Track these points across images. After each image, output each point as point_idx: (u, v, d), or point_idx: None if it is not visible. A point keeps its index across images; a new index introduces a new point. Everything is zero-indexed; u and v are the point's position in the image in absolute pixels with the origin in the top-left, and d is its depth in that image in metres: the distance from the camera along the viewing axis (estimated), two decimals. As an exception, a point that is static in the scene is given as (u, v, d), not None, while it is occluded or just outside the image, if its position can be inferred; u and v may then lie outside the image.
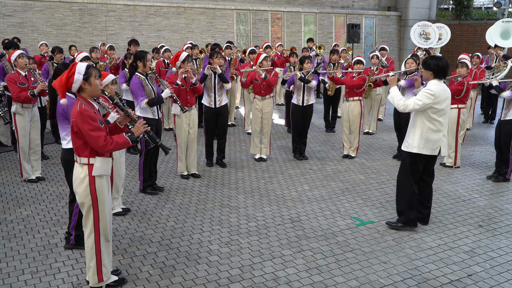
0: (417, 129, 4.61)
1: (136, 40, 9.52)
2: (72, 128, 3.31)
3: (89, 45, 12.44)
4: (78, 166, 3.40)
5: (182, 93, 6.12)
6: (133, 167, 7.04)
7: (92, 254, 3.48)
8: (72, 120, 3.28)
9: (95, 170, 3.37)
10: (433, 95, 4.46)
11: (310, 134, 9.27)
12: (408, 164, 4.67)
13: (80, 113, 3.25)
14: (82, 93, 3.38)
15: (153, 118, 5.67)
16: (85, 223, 3.46)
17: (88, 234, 3.46)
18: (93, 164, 3.37)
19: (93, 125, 3.27)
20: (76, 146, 3.36)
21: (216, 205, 5.48)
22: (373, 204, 5.55)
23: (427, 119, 4.55)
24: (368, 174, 6.81)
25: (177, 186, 6.20)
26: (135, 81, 5.51)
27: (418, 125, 4.61)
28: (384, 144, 8.68)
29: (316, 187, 6.19)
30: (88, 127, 3.25)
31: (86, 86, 3.36)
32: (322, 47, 12.39)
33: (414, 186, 4.68)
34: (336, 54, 9.39)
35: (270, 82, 7.06)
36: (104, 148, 3.30)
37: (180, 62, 6.07)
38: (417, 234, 4.69)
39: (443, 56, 4.63)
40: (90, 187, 3.37)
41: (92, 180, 3.37)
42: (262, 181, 6.42)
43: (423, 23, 13.48)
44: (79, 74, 3.32)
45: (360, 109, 7.49)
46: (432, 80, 4.57)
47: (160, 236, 4.61)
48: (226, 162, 7.26)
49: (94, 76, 3.40)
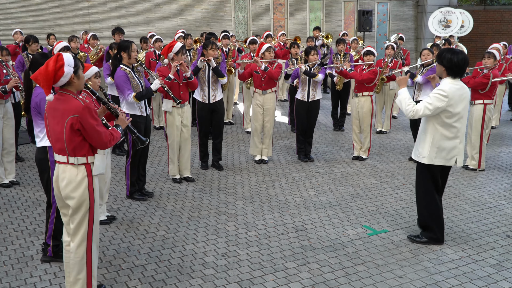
0: (428, 136, 4.47)
1: (120, 28, 9.52)
2: (70, 126, 3.28)
3: (70, 33, 12.42)
4: (71, 168, 3.38)
5: (175, 88, 6.12)
6: (119, 170, 7.04)
7: (82, 264, 3.47)
8: (73, 117, 3.25)
9: (95, 169, 3.41)
10: (446, 97, 4.30)
11: (316, 133, 9.28)
12: (423, 175, 4.60)
13: (87, 108, 3.28)
14: (67, 87, 3.37)
15: (141, 115, 5.67)
16: (77, 230, 3.45)
17: (80, 242, 3.45)
18: (92, 163, 3.41)
19: (98, 120, 3.34)
20: (73, 146, 3.34)
21: (212, 212, 5.47)
22: (387, 212, 5.55)
23: (440, 124, 4.42)
24: (381, 177, 6.81)
25: (168, 191, 6.19)
26: (120, 73, 5.52)
27: (429, 132, 4.47)
28: (398, 144, 8.68)
29: (323, 192, 6.19)
30: (95, 123, 3.30)
31: (75, 80, 3.36)
32: (330, 36, 12.39)
33: (437, 197, 4.62)
34: (342, 43, 9.39)
35: (271, 74, 7.05)
36: (109, 144, 3.38)
37: (173, 54, 6.07)
38: (437, 246, 4.68)
39: (462, 51, 4.48)
40: (89, 189, 3.40)
41: (91, 181, 3.41)
42: (263, 186, 6.42)
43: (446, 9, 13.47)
44: (69, 67, 3.30)
45: (370, 105, 7.50)
46: (445, 78, 4.42)
47: (149, 247, 4.60)
48: (222, 165, 7.26)
49: (81, 67, 3.42)
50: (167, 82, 5.97)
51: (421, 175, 4.64)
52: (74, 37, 8.76)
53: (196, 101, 6.94)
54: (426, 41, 16.49)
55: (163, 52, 6.21)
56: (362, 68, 7.58)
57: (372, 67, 7.48)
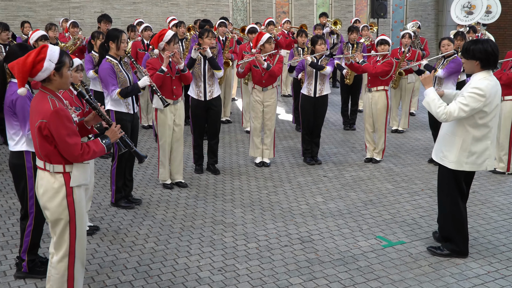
0: (457, 138, 4.45)
1: (107, 15, 9.52)
2: (38, 131, 3.30)
3: (47, 21, 12.43)
4: (48, 176, 3.40)
5: (167, 83, 6.12)
6: (103, 174, 7.05)
7: (63, 282, 3.49)
8: (41, 122, 3.26)
9: (73, 180, 3.40)
10: (483, 96, 4.25)
11: (324, 132, 9.29)
12: (447, 180, 4.59)
13: (56, 114, 3.24)
14: (47, 84, 3.38)
15: (127, 113, 5.68)
16: (58, 244, 3.47)
17: (61, 258, 3.47)
18: (70, 172, 3.39)
19: (70, 129, 3.29)
20: (45, 152, 3.36)
21: (207, 222, 5.48)
22: (404, 220, 5.56)
23: (472, 125, 4.39)
24: (397, 182, 6.82)
25: (158, 198, 6.21)
26: (105, 66, 5.54)
27: (459, 133, 4.44)
28: (417, 145, 8.69)
29: (332, 198, 6.20)
30: (65, 132, 3.26)
31: (56, 77, 3.36)
32: (339, 22, 12.39)
33: (462, 206, 4.61)
34: (355, 32, 9.39)
35: (273, 73, 7.04)
36: (80, 159, 3.34)
37: (164, 43, 6.07)
38: (460, 259, 4.68)
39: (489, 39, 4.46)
40: (67, 200, 3.39)
41: (70, 191, 3.40)
42: (265, 192, 6.43)
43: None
44: (51, 62, 3.30)
45: (385, 101, 7.50)
46: (478, 72, 4.37)
47: (136, 261, 4.60)
48: (219, 168, 7.27)
49: (68, 66, 3.40)
50: (160, 75, 5.96)
51: (444, 180, 4.63)
52: (52, 25, 8.78)
53: (190, 97, 6.95)
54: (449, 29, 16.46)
55: (152, 41, 6.21)
56: (375, 60, 7.59)
57: (387, 58, 7.48)
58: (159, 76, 5.97)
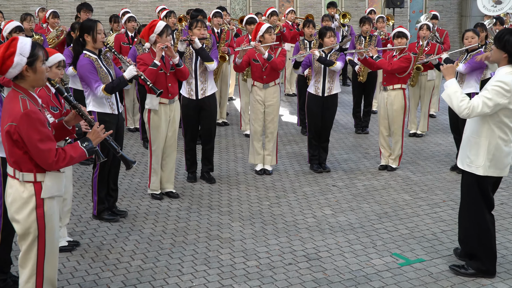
0: (483, 140, 4.47)
1: (88, 4, 9.57)
2: (8, 135, 3.30)
3: (22, 10, 12.46)
4: (17, 184, 3.40)
5: (161, 80, 6.11)
6: (84, 183, 7.05)
7: None
8: (11, 125, 3.26)
9: (45, 191, 3.40)
10: (508, 92, 4.28)
11: (334, 136, 9.29)
12: (473, 190, 4.60)
13: (26, 116, 3.24)
14: (20, 82, 3.37)
15: (111, 114, 5.68)
16: (24, 261, 3.46)
17: (28, 278, 3.46)
18: (41, 182, 3.39)
19: (43, 134, 3.29)
20: (15, 158, 3.36)
21: (201, 237, 5.48)
22: (423, 236, 5.55)
23: (497, 125, 4.42)
24: (415, 192, 6.83)
25: (146, 209, 6.21)
26: (84, 62, 5.53)
27: (485, 134, 4.46)
28: (438, 151, 8.71)
29: (342, 211, 6.20)
30: (37, 137, 3.26)
31: (29, 73, 3.36)
32: (348, 15, 12.40)
33: (489, 218, 4.62)
34: (368, 23, 9.41)
35: (275, 65, 7.06)
36: (55, 166, 3.34)
37: (155, 35, 6.07)
38: (487, 279, 4.67)
39: None
40: (37, 212, 3.39)
41: (40, 203, 3.39)
42: (266, 203, 6.43)
43: None
44: (22, 56, 3.30)
45: (403, 101, 7.51)
46: (504, 66, 4.42)
47: (121, 281, 4.60)
48: (215, 176, 7.28)
49: (42, 59, 3.39)
50: (153, 70, 5.94)
51: (470, 190, 4.64)
52: (28, 15, 8.79)
53: (180, 96, 6.95)
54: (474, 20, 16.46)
55: (142, 34, 6.22)
56: (392, 55, 7.60)
57: (405, 52, 7.49)
58: (152, 71, 5.94)
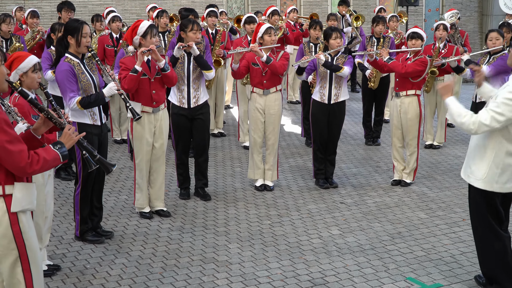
0: (489, 152, 4.53)
1: (69, 2, 9.61)
2: None
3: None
4: None
5: (144, 87, 6.18)
6: (65, 200, 7.07)
7: None
8: None
9: (15, 204, 3.41)
10: None
11: (341, 148, 9.29)
12: (478, 205, 4.68)
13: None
14: None
15: (93, 125, 5.69)
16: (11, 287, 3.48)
17: None
18: (11, 194, 3.42)
19: (11, 135, 3.32)
20: None
21: (195, 260, 5.51)
22: (441, 258, 5.58)
23: (507, 137, 4.49)
24: (432, 210, 6.86)
25: (134, 230, 6.23)
26: (63, 67, 5.52)
27: (491, 146, 4.53)
28: (456, 164, 8.69)
29: (351, 230, 6.24)
30: (5, 138, 3.29)
31: None
32: (361, 18, 12.51)
33: (502, 235, 4.68)
34: (381, 23, 9.45)
35: (275, 68, 7.07)
36: (29, 169, 3.36)
37: (139, 37, 6.13)
38: (510, 304, 4.71)
39: None
40: (13, 230, 3.40)
41: (14, 219, 3.41)
42: (267, 222, 6.46)
43: None
44: None
45: (418, 109, 7.51)
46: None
47: (107, 308, 4.65)
48: (210, 193, 7.28)
49: (0, 60, 3.49)
50: (133, 77, 5.96)
51: (475, 205, 4.74)
52: (7, 17, 8.86)
53: (170, 104, 6.98)
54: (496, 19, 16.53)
55: (126, 36, 6.28)
56: (405, 57, 7.61)
57: (420, 55, 7.47)
58: (133, 77, 5.95)
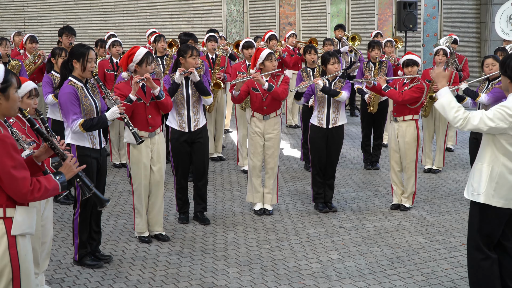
0: (485, 165, 4.61)
1: (70, 28, 9.73)
2: None
3: (-3, 34, 12.69)
4: None
5: (140, 111, 6.22)
6: (64, 224, 7.08)
7: None
8: None
9: (16, 227, 3.43)
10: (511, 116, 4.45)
11: (340, 172, 9.32)
12: (476, 221, 4.71)
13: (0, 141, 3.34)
14: None
15: (92, 148, 5.73)
16: None
17: None
18: (11, 217, 3.44)
19: (17, 160, 3.36)
20: None
21: (194, 285, 5.50)
22: (441, 283, 5.58)
23: (502, 151, 4.55)
24: (431, 235, 6.86)
25: (132, 254, 6.23)
26: (67, 90, 5.57)
27: (487, 160, 4.60)
28: (455, 188, 8.72)
29: (351, 255, 6.24)
30: (11, 163, 3.32)
31: (1, 101, 3.48)
32: (357, 38, 12.59)
33: (491, 257, 4.69)
34: (377, 48, 9.49)
35: (277, 94, 7.14)
36: (30, 196, 3.39)
37: (134, 64, 6.18)
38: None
39: None
40: (10, 252, 3.42)
41: (12, 242, 3.43)
42: (266, 246, 6.46)
43: None
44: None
45: (415, 133, 7.56)
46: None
47: (105, 333, 4.63)
48: (209, 217, 7.29)
49: (15, 86, 3.52)
50: (128, 105, 5.99)
51: (470, 225, 4.77)
52: (3, 40, 8.99)
53: (169, 129, 7.01)
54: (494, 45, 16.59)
55: (121, 62, 6.35)
56: (402, 82, 7.66)
57: (417, 81, 7.51)
58: (127, 106, 5.97)
